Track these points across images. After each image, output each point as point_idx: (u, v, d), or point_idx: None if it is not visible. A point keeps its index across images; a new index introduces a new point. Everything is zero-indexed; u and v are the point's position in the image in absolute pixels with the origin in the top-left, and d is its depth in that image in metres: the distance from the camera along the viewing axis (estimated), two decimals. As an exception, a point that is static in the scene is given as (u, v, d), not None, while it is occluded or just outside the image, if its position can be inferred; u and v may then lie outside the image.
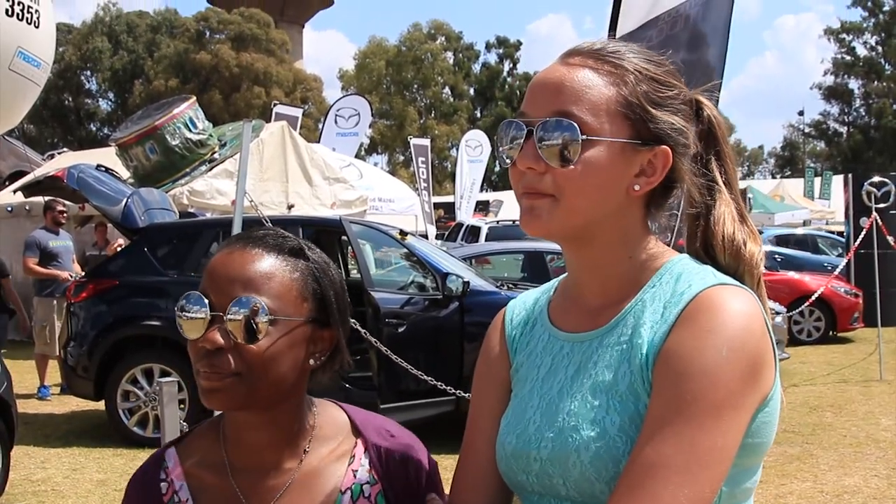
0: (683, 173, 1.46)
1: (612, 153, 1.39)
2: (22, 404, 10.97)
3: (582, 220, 1.42)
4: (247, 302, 1.46)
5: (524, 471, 1.46)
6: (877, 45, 71.63)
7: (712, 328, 1.31)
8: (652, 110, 1.41)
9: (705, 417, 1.26)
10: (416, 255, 9.16)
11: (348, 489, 1.59)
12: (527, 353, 1.59)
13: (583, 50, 1.45)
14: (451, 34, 78.23)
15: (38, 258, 11.35)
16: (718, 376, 1.28)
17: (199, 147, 13.86)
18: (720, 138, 1.53)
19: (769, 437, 1.40)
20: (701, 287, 1.37)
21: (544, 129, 1.38)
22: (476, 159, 30.76)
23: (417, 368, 7.47)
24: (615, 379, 1.39)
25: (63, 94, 65.94)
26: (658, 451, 1.26)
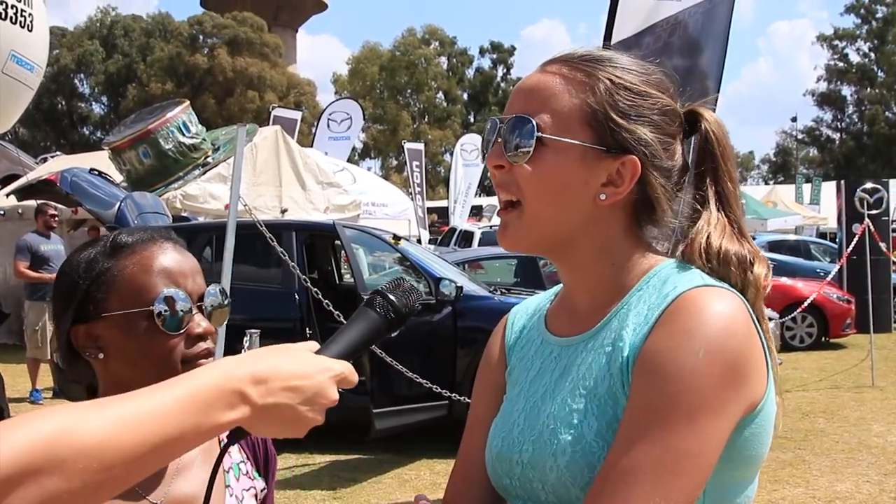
0: (655, 186, 1.43)
1: (570, 157, 1.39)
2: (14, 408, 10.92)
3: (548, 229, 1.42)
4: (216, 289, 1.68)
5: (507, 474, 1.45)
6: (870, 51, 71.91)
7: (689, 329, 1.27)
8: (618, 119, 1.40)
9: (679, 422, 1.23)
10: (409, 260, 9.16)
11: (230, 468, 1.73)
12: (520, 356, 1.59)
13: (562, 58, 1.46)
14: (445, 39, 78.35)
15: (28, 262, 11.32)
16: (693, 379, 1.24)
17: (193, 151, 13.83)
18: (717, 154, 1.48)
19: (761, 449, 1.36)
20: (685, 288, 1.33)
21: (508, 127, 1.41)
22: (471, 163, 30.74)
23: (411, 372, 7.47)
24: (595, 382, 1.37)
25: (56, 97, 65.89)
26: (630, 457, 1.23)
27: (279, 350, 1.17)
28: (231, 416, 1.06)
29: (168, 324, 1.58)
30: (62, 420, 0.95)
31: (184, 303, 1.60)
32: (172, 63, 62.56)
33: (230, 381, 1.07)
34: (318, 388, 1.14)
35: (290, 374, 1.12)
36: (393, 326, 1.32)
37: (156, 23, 69.62)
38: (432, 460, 8.22)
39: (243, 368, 1.10)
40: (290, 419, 1.13)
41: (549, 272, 15.50)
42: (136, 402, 1.01)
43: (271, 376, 1.10)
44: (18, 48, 10.57)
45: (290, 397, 1.11)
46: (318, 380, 1.15)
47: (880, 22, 69.65)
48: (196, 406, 1.03)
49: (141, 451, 0.98)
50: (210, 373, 1.08)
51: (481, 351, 6.72)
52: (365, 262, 12.04)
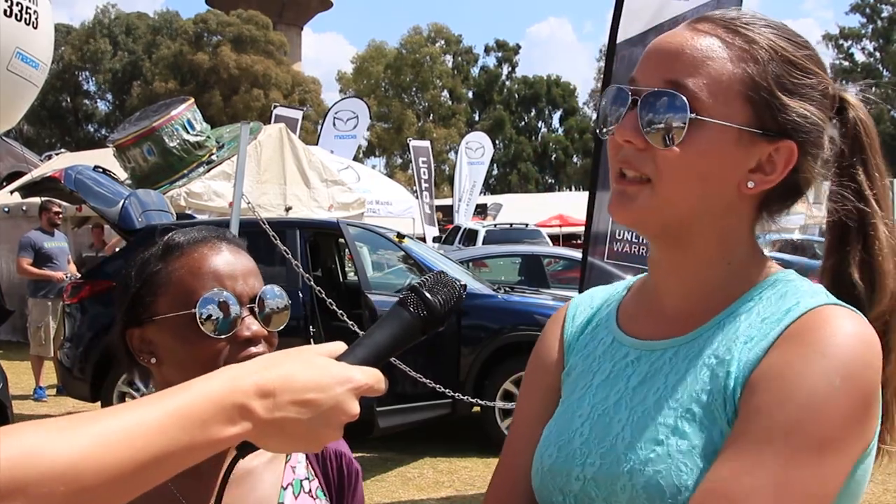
0: (810, 177, 1.26)
1: (724, 139, 1.20)
2: (18, 405, 10.95)
3: (679, 212, 1.24)
4: (271, 290, 1.60)
5: (562, 490, 1.28)
6: (875, 51, 71.78)
7: (824, 351, 1.11)
8: (782, 96, 1.21)
9: (804, 452, 1.06)
10: (413, 258, 9.16)
11: (289, 485, 1.63)
12: (583, 355, 1.40)
13: (715, 17, 1.26)
14: (450, 37, 78.29)
15: (32, 259, 11.33)
16: (826, 407, 1.07)
17: (197, 149, 13.83)
18: (866, 146, 1.31)
19: (860, 496, 1.20)
20: (811, 305, 1.16)
21: (650, 99, 1.21)
22: (477, 161, 30.71)
23: (414, 371, 7.47)
24: (690, 397, 1.19)
25: (61, 94, 65.99)
26: (741, 483, 1.06)
27: (294, 356, 1.06)
28: (231, 431, 0.97)
29: (210, 326, 1.52)
30: (30, 441, 0.88)
31: (228, 305, 1.53)
32: (177, 61, 62.60)
33: (232, 393, 0.98)
34: (336, 402, 1.04)
35: (303, 385, 1.02)
36: (429, 327, 1.19)
37: (162, 20, 69.67)
38: (435, 459, 8.23)
39: (250, 379, 1.00)
40: (301, 435, 1.03)
41: (552, 271, 15.50)
42: (121, 417, 0.93)
43: (280, 388, 1.01)
44: (24, 45, 10.58)
45: (300, 412, 1.01)
46: (336, 392, 1.04)
47: (885, 21, 69.53)
48: (189, 421, 0.95)
49: (124, 470, 0.90)
50: (211, 384, 0.99)
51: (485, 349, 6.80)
52: (369, 261, 12.02)
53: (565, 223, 33.57)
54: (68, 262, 11.82)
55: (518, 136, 76.91)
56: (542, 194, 58.00)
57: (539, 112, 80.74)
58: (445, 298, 1.20)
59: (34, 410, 10.75)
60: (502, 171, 77.51)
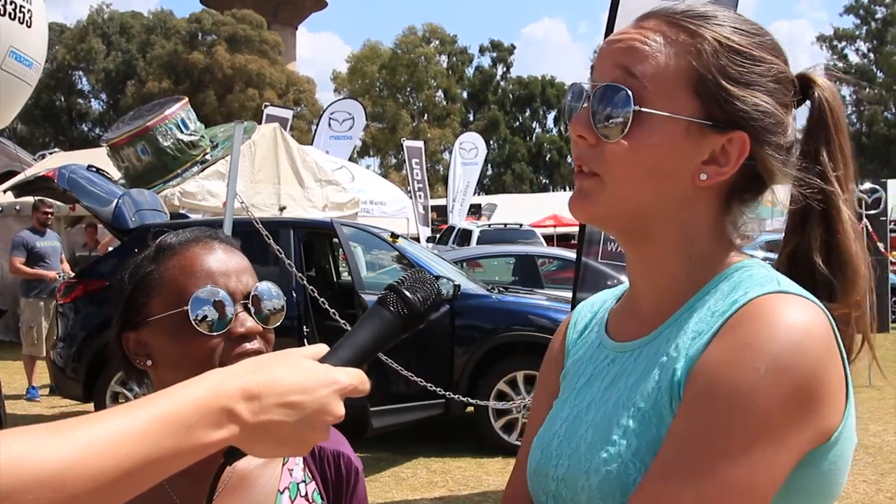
0: (769, 165, 1.24)
1: (672, 132, 1.20)
2: (10, 405, 10.93)
3: (632, 206, 1.24)
4: (265, 286, 1.58)
5: (543, 490, 1.31)
6: (869, 52, 71.93)
7: (752, 341, 1.09)
8: (729, 87, 1.20)
9: (731, 447, 1.06)
10: (407, 258, 9.16)
11: (286, 488, 1.61)
12: (576, 359, 1.43)
13: (660, 13, 1.26)
14: (445, 38, 78.31)
15: (24, 258, 11.31)
16: (751, 400, 1.06)
17: (191, 148, 13.82)
18: (831, 125, 1.29)
19: (834, 489, 1.17)
20: (756, 294, 1.15)
21: (599, 94, 1.22)
22: (470, 162, 30.77)
23: (408, 371, 7.46)
24: (641, 395, 1.20)
25: (55, 94, 65.87)
26: (668, 485, 1.07)
27: (279, 359, 1.06)
28: (217, 435, 0.97)
29: (204, 324, 1.51)
30: (16, 447, 0.86)
31: (222, 302, 1.52)
32: (172, 60, 62.54)
33: (217, 397, 0.98)
34: (321, 404, 1.04)
35: (288, 387, 1.02)
36: (410, 325, 1.20)
37: (156, 20, 69.58)
38: (429, 458, 8.22)
39: (235, 382, 0.99)
40: (288, 438, 1.03)
41: (546, 271, 15.51)
42: (106, 423, 0.92)
43: (265, 391, 1.00)
44: (17, 44, 10.55)
45: (286, 414, 1.01)
46: (321, 394, 1.04)
47: (879, 23, 69.66)
48: (175, 426, 0.94)
49: (110, 477, 0.90)
50: (195, 388, 0.98)
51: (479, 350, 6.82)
52: (363, 260, 12.02)
53: (559, 223, 33.59)
54: (61, 261, 11.80)
55: (512, 137, 76.98)
56: (536, 194, 58.01)
57: (533, 112, 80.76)
58: (424, 296, 1.20)
59: (27, 410, 10.73)
60: (497, 171, 77.55)
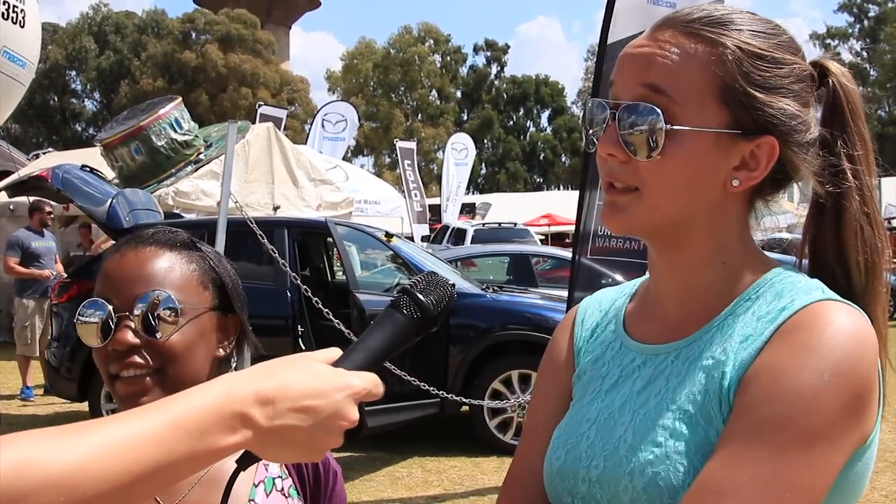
0: (798, 164, 1.25)
1: (704, 144, 1.21)
2: (5, 405, 10.93)
3: (668, 217, 1.25)
4: (150, 296, 1.47)
5: (570, 492, 1.30)
6: (862, 50, 72.03)
7: (814, 347, 1.11)
8: (755, 93, 1.21)
9: (793, 448, 1.08)
10: (401, 258, 9.16)
11: (261, 482, 1.60)
12: (593, 359, 1.42)
13: (677, 21, 1.26)
14: (440, 37, 78.30)
15: (19, 258, 11.29)
16: (816, 402, 1.08)
17: (185, 148, 13.80)
18: (847, 113, 1.30)
19: (862, 489, 1.20)
20: (806, 302, 1.17)
21: (627, 112, 1.22)
22: (461, 162, 30.82)
23: (402, 370, 7.46)
24: (687, 398, 1.21)
25: (48, 93, 65.78)
26: (731, 476, 1.08)
27: (293, 363, 1.05)
28: (231, 440, 0.96)
29: (86, 336, 1.50)
30: (27, 449, 0.86)
31: (95, 312, 1.49)
32: (165, 60, 62.47)
33: (231, 402, 0.97)
34: (335, 409, 1.03)
35: (302, 392, 1.01)
36: (423, 328, 1.18)
37: (149, 19, 69.49)
38: (424, 458, 8.22)
39: (248, 387, 0.99)
40: (301, 442, 1.02)
41: (541, 270, 15.51)
42: (119, 427, 0.91)
43: (280, 396, 1.00)
44: (10, 44, 10.54)
45: (301, 419, 1.00)
46: (335, 399, 1.03)
47: (872, 21, 69.77)
48: (189, 430, 0.93)
49: (122, 481, 0.89)
50: (210, 392, 0.98)
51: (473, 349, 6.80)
52: (357, 260, 12.01)
53: (554, 222, 33.66)
54: (55, 261, 11.79)
55: (506, 136, 76.98)
56: (530, 193, 58.07)
57: (527, 111, 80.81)
58: (438, 299, 1.19)
59: (21, 410, 10.71)
60: (491, 170, 77.58)
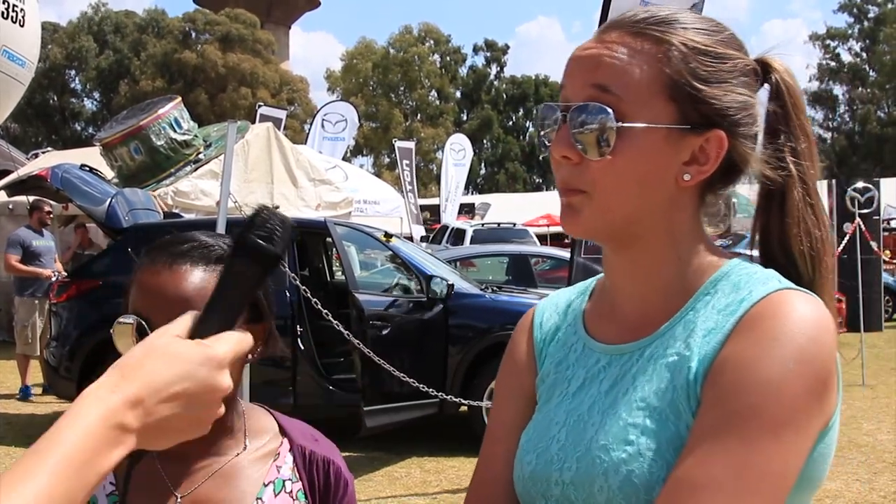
0: (745, 156, 1.28)
1: (654, 141, 1.23)
2: (4, 404, 10.94)
3: (623, 216, 1.27)
4: None
5: (543, 495, 1.30)
6: (862, 51, 72.02)
7: (777, 336, 1.14)
8: (702, 87, 1.24)
9: (763, 436, 1.10)
10: (400, 258, 9.16)
11: (271, 482, 1.65)
12: (556, 361, 1.42)
13: (622, 22, 1.28)
14: (440, 38, 78.26)
15: (20, 256, 11.29)
16: (783, 390, 1.11)
17: (184, 147, 13.81)
18: (789, 106, 1.32)
19: (824, 472, 1.22)
20: (764, 292, 1.19)
21: (577, 113, 1.24)
22: (460, 163, 30.90)
23: (401, 371, 7.46)
24: (655, 395, 1.22)
25: (48, 93, 65.68)
26: (704, 470, 1.10)
27: (150, 351, 1.02)
28: (116, 454, 0.95)
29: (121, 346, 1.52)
30: None
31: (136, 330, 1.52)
32: (165, 59, 62.43)
33: (105, 419, 0.94)
34: (204, 385, 1.02)
35: (166, 381, 0.99)
36: (269, 267, 1.12)
37: (150, 19, 69.44)
38: (422, 458, 8.22)
39: (114, 396, 0.96)
40: (183, 426, 1.02)
41: (540, 270, 15.51)
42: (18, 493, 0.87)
43: (146, 393, 0.97)
44: (10, 44, 10.56)
45: (173, 407, 1.00)
46: (202, 375, 1.02)
47: (872, 22, 69.73)
48: (77, 468, 0.91)
49: None
50: (81, 418, 0.94)
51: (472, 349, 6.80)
52: (356, 260, 12.02)
53: (553, 223, 33.58)
54: (55, 260, 11.79)
55: (506, 136, 76.92)
56: (529, 194, 57.99)
57: (527, 112, 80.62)
58: (270, 232, 1.12)
59: (20, 409, 10.72)
60: (490, 170, 77.57)
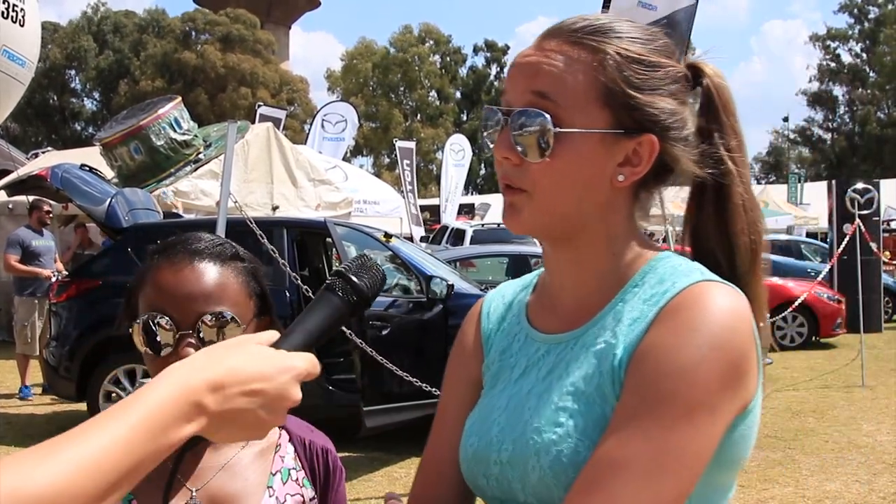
0: (677, 157, 1.35)
1: (590, 144, 1.30)
2: (3, 404, 10.94)
3: (562, 215, 1.34)
4: (215, 315, 1.58)
5: (484, 474, 1.39)
6: (862, 52, 72.04)
7: (694, 325, 1.22)
8: (634, 94, 1.31)
9: (678, 417, 1.17)
10: (400, 258, 9.15)
11: (278, 472, 1.72)
12: (501, 350, 1.50)
13: (560, 31, 1.36)
14: (440, 38, 78.28)
15: (19, 256, 11.28)
16: (696, 375, 1.19)
17: (184, 147, 13.81)
18: (720, 109, 1.40)
19: (746, 452, 1.32)
20: (686, 283, 1.27)
21: (518, 118, 1.31)
22: (459, 163, 30.92)
23: (401, 370, 7.46)
24: (584, 380, 1.30)
25: (48, 92, 65.73)
26: (623, 450, 1.18)
27: (238, 347, 1.11)
28: (188, 429, 1.01)
29: (146, 346, 1.58)
30: (7, 480, 0.87)
31: (158, 328, 1.57)
32: (165, 59, 62.43)
33: (186, 393, 1.01)
34: (280, 390, 1.08)
35: (249, 376, 1.06)
36: (357, 310, 1.25)
37: (150, 18, 69.45)
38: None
39: (199, 376, 1.03)
40: (249, 424, 1.08)
41: (540, 271, 15.51)
42: (90, 440, 0.93)
43: (229, 381, 1.04)
44: (10, 43, 10.56)
45: (249, 402, 1.06)
46: (280, 381, 1.09)
47: (872, 23, 69.73)
48: (153, 430, 0.97)
49: (101, 492, 0.92)
50: (164, 387, 1.01)
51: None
52: (356, 260, 12.00)
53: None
54: (55, 260, 11.78)
55: (506, 137, 76.90)
56: (529, 194, 57.97)
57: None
58: (371, 281, 1.26)
59: (20, 409, 10.71)
60: (490, 171, 77.46)
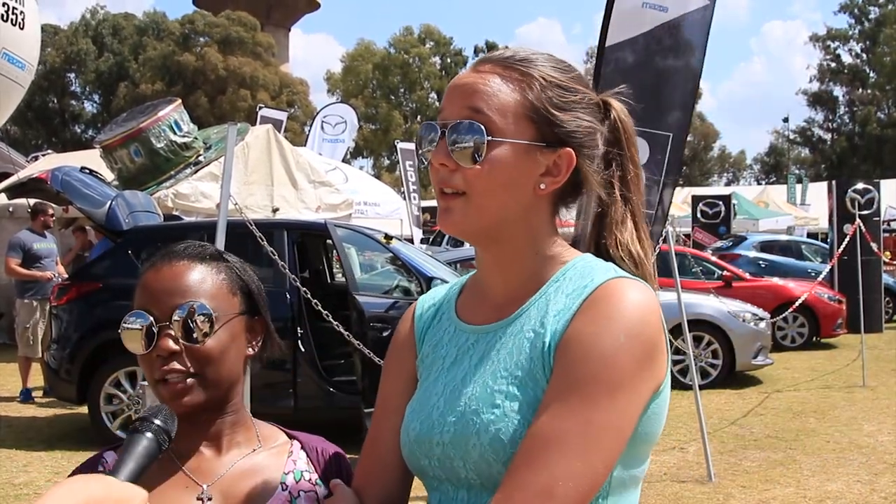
0: (588, 174, 1.55)
1: (516, 154, 1.49)
2: (4, 407, 10.93)
3: (492, 217, 1.51)
4: (187, 306, 1.63)
5: (426, 455, 1.54)
6: (862, 52, 72.01)
7: (611, 315, 1.41)
8: (556, 113, 1.51)
9: (601, 397, 1.36)
10: (400, 259, 9.15)
11: (290, 472, 1.76)
12: (432, 344, 1.66)
13: (493, 58, 1.55)
14: (440, 39, 78.25)
15: (20, 259, 11.28)
16: (616, 359, 1.38)
17: (184, 150, 13.80)
18: (623, 140, 1.62)
19: (659, 427, 1.50)
20: (603, 279, 1.47)
21: (455, 130, 1.48)
22: (459, 164, 30.93)
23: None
24: (516, 365, 1.48)
25: (48, 95, 65.70)
26: (554, 427, 1.35)
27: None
28: None
29: (130, 344, 1.64)
30: None
31: (138, 321, 1.63)
32: (165, 62, 62.42)
33: None
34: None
35: None
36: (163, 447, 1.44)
37: (149, 21, 69.45)
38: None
39: None
40: None
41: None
42: None
43: None
44: (10, 46, 10.55)
45: None
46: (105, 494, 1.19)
47: (873, 23, 69.70)
48: None
49: None
50: None
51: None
52: (357, 262, 12.02)
53: (553, 224, 33.62)
54: (56, 263, 11.78)
55: (506, 138, 76.91)
56: (529, 195, 57.98)
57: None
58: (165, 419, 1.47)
59: (21, 412, 10.71)
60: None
